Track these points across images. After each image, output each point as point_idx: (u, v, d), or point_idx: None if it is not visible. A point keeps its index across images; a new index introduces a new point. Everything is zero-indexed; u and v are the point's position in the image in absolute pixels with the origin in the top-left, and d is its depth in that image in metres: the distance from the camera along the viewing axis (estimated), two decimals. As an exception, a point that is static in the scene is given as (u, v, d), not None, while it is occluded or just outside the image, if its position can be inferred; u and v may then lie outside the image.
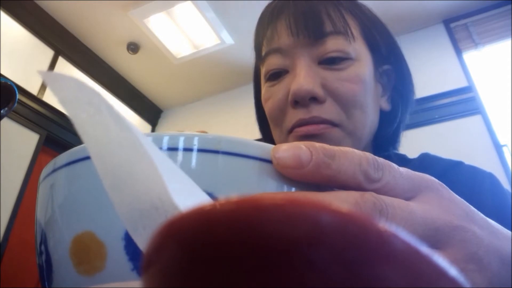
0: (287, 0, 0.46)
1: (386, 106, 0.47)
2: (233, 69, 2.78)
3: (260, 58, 0.48)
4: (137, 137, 0.12)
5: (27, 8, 2.28)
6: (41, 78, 0.13)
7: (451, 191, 0.18)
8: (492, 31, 2.28)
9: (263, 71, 0.47)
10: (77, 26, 2.49)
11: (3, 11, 2.15)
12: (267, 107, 0.45)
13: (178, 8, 2.27)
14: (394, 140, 0.50)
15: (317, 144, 0.16)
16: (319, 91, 0.40)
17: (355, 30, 0.44)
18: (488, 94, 2.16)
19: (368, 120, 0.42)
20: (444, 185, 0.18)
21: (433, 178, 0.18)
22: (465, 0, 2.31)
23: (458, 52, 2.31)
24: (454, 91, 2.20)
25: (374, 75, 0.45)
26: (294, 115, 0.41)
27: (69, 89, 0.13)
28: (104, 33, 2.53)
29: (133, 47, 2.60)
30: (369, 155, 0.17)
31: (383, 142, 0.49)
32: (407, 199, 0.17)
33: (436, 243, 0.16)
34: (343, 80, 0.41)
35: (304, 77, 0.40)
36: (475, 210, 0.18)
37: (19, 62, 2.20)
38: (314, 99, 0.40)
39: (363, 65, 0.43)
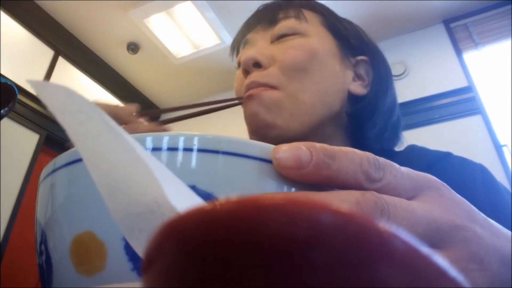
0: (256, 13, 0.54)
1: (359, 90, 0.48)
2: (233, 69, 2.78)
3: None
4: (128, 142, 0.12)
5: (27, 8, 2.28)
6: (31, 86, 0.13)
7: (453, 191, 0.18)
8: (492, 31, 2.28)
9: (236, 64, 0.54)
10: (77, 26, 2.49)
11: (3, 11, 2.15)
12: (234, 88, 0.51)
13: (178, 8, 2.26)
14: (380, 136, 0.50)
15: (318, 145, 0.16)
16: (261, 57, 0.44)
17: (311, 18, 0.48)
18: (488, 94, 2.16)
19: (314, 86, 0.44)
20: (446, 184, 0.18)
21: (434, 177, 0.18)
22: (465, 0, 2.30)
23: (458, 52, 2.31)
24: (454, 91, 2.20)
25: (340, 59, 0.48)
26: (245, 84, 0.46)
27: (59, 97, 0.13)
28: (104, 33, 2.53)
29: (133, 47, 2.60)
30: (370, 155, 0.17)
31: (370, 138, 0.49)
32: (409, 198, 0.17)
33: (437, 243, 0.16)
34: (286, 48, 0.45)
35: (253, 49, 0.46)
36: (476, 209, 0.18)
37: (19, 62, 2.20)
38: (259, 66, 0.45)
39: (313, 39, 0.46)
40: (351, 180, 0.16)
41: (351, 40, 0.49)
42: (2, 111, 0.47)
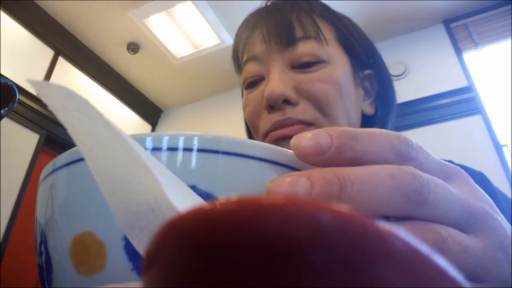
0: (261, 12, 0.48)
1: (369, 110, 0.47)
2: (233, 69, 2.78)
3: (238, 68, 0.50)
4: (128, 143, 0.12)
5: (27, 8, 2.28)
6: (32, 86, 0.13)
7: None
8: (492, 31, 2.28)
9: (241, 79, 0.49)
10: (77, 26, 2.49)
11: (3, 11, 2.15)
12: (246, 114, 0.47)
13: (178, 8, 2.27)
14: None
15: (339, 128, 0.15)
16: (291, 94, 0.41)
17: (328, 34, 0.45)
18: (488, 94, 2.16)
19: (344, 121, 0.42)
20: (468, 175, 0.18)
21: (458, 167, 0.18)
22: (465, 0, 2.31)
23: (458, 52, 2.31)
24: (454, 91, 2.20)
25: (353, 78, 0.45)
26: (270, 119, 0.42)
27: (58, 97, 0.13)
28: (104, 33, 2.53)
29: (133, 47, 2.60)
30: (401, 134, 0.16)
31: None
32: None
33: (468, 227, 0.15)
34: (315, 81, 0.42)
35: (277, 81, 0.41)
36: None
37: (19, 62, 2.20)
38: (288, 102, 0.41)
39: (337, 67, 0.43)
40: (380, 161, 0.15)
41: (361, 55, 0.47)
42: (2, 111, 0.47)
